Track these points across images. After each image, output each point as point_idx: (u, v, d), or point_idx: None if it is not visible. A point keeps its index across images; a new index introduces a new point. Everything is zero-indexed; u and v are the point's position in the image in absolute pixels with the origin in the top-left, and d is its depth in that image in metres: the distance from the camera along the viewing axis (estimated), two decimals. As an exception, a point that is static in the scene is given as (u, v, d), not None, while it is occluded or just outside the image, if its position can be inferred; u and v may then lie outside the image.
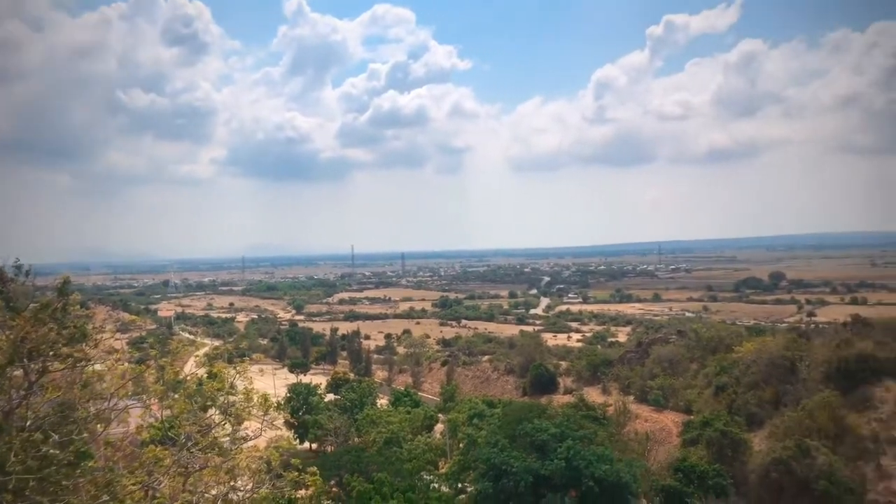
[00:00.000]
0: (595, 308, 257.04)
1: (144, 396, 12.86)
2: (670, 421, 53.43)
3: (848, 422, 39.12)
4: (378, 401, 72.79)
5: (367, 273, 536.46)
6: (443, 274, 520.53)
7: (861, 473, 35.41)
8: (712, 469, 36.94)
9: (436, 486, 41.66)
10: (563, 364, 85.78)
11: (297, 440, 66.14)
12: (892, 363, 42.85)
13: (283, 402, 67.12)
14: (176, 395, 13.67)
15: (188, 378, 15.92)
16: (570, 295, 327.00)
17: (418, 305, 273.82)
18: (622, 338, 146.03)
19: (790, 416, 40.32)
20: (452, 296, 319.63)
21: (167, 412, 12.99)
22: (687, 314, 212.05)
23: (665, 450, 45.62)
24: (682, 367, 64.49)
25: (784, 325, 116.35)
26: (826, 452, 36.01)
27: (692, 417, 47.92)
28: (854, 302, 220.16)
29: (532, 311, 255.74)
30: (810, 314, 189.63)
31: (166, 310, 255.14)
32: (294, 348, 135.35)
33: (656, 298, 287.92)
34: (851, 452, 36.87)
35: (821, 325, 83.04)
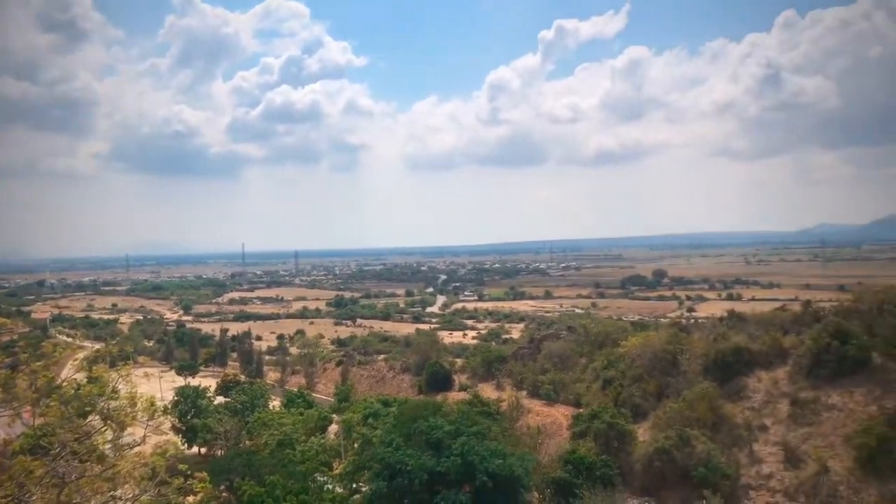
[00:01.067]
0: (490, 305, 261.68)
1: (15, 404, 12.00)
2: (561, 414, 54.87)
3: (724, 411, 41.45)
4: (270, 403, 71.21)
5: (258, 272, 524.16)
6: (338, 273, 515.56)
7: (736, 459, 37.59)
8: (600, 460, 38.24)
9: (330, 487, 41.17)
10: (459, 361, 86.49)
11: (185, 445, 63.85)
12: (764, 355, 45.75)
13: (169, 406, 64.60)
14: (50, 402, 12.83)
15: (65, 383, 14.99)
16: (465, 293, 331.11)
17: (312, 305, 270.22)
18: (516, 334, 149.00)
19: (672, 407, 42.27)
20: (348, 295, 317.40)
21: (40, 420, 12.18)
22: (577, 310, 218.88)
23: (556, 442, 46.80)
24: (571, 362, 66.33)
25: (666, 320, 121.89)
26: (704, 441, 38.03)
27: (581, 410, 49.34)
28: (730, 298, 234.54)
29: (428, 310, 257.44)
30: (690, 309, 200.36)
31: (41, 311, 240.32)
32: (182, 350, 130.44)
33: (548, 295, 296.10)
34: (727, 440, 39.08)
35: (700, 320, 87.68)
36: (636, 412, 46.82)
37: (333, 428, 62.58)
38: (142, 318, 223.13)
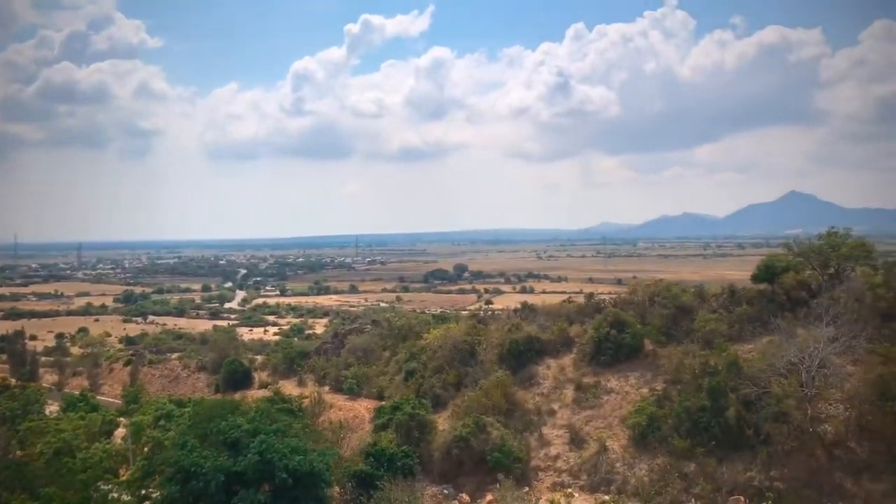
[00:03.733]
0: (293, 300, 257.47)
1: None
2: (364, 408, 55.06)
3: (517, 398, 43.81)
4: (47, 408, 64.78)
5: (34, 265, 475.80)
6: (127, 266, 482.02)
7: (527, 443, 39.84)
8: (401, 451, 38.83)
9: (115, 495, 38.31)
10: (259, 358, 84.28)
11: (-62, 461, 56.38)
12: (552, 344, 48.92)
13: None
14: None
15: None
16: (267, 288, 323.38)
17: (97, 301, 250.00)
18: (319, 329, 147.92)
19: (469, 396, 43.95)
20: (138, 290, 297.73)
21: None
22: (381, 304, 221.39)
23: (358, 436, 46.86)
24: (375, 356, 66.83)
25: (466, 312, 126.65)
26: (499, 427, 39.94)
27: (384, 403, 49.88)
28: (523, 290, 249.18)
29: (227, 305, 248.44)
30: (488, 302, 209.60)
31: None
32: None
33: (353, 290, 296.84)
34: (519, 425, 41.32)
35: (496, 312, 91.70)
36: (437, 402, 48.05)
37: (121, 432, 58.25)
38: None
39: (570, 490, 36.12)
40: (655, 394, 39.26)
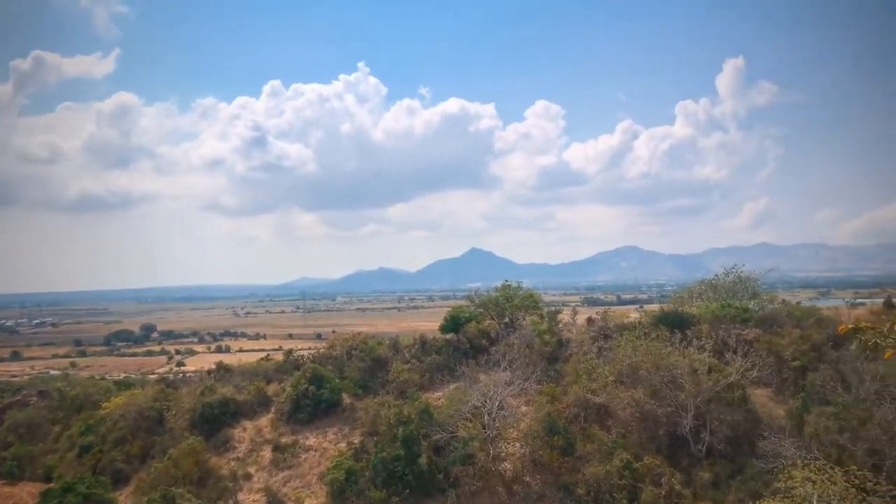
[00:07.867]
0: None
1: None
2: (27, 493, 47.73)
3: (211, 464, 41.37)
4: None
5: None
6: None
7: (220, 512, 37.62)
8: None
9: None
10: None
11: None
12: (249, 405, 47.33)
13: None
14: None
15: None
16: None
17: None
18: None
19: (157, 468, 40.52)
20: None
21: None
22: (52, 372, 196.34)
23: (19, 528, 40.55)
24: (43, 432, 58.79)
25: (154, 376, 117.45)
26: (190, 498, 37.17)
27: (52, 485, 43.84)
28: (219, 350, 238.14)
29: None
30: (180, 364, 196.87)
31: None
32: None
33: (16, 357, 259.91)
34: (213, 493, 38.93)
35: (188, 374, 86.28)
36: (118, 477, 43.56)
37: None
38: None
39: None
40: (353, 447, 39.67)
